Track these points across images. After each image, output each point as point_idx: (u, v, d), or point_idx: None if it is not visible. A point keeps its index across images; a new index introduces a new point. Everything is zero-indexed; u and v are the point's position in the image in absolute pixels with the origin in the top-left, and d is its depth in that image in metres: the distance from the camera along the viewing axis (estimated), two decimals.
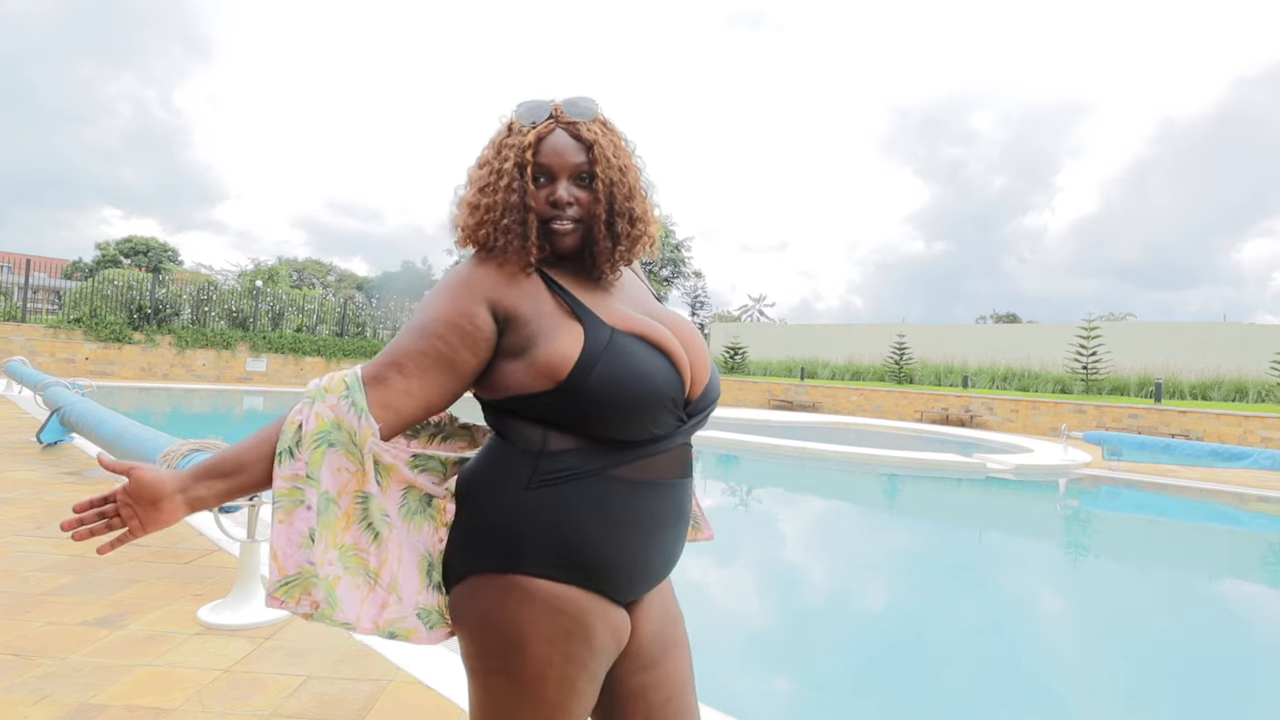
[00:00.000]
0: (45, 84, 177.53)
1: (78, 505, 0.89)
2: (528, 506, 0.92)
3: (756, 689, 3.14)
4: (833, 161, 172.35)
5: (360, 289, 43.76)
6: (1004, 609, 4.60)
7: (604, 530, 0.93)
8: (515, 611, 0.90)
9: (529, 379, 0.93)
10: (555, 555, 0.91)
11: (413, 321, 0.95)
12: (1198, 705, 3.23)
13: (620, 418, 0.92)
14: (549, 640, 0.90)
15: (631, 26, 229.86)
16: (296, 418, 0.90)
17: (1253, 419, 13.00)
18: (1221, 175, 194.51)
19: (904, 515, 7.69)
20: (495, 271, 0.97)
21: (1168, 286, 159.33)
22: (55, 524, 3.85)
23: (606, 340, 0.93)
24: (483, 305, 0.94)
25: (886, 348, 22.55)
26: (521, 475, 0.93)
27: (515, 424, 0.96)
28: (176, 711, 1.99)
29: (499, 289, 0.96)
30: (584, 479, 0.93)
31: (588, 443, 0.93)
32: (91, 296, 17.37)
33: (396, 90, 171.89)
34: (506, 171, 0.98)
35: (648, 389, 0.93)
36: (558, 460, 0.93)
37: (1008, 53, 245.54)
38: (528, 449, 0.94)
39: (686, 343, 1.01)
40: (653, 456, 0.97)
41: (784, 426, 13.68)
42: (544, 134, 0.99)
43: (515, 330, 0.95)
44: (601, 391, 0.91)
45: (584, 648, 0.92)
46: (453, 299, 0.94)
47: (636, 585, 0.99)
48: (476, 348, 0.93)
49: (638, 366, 0.93)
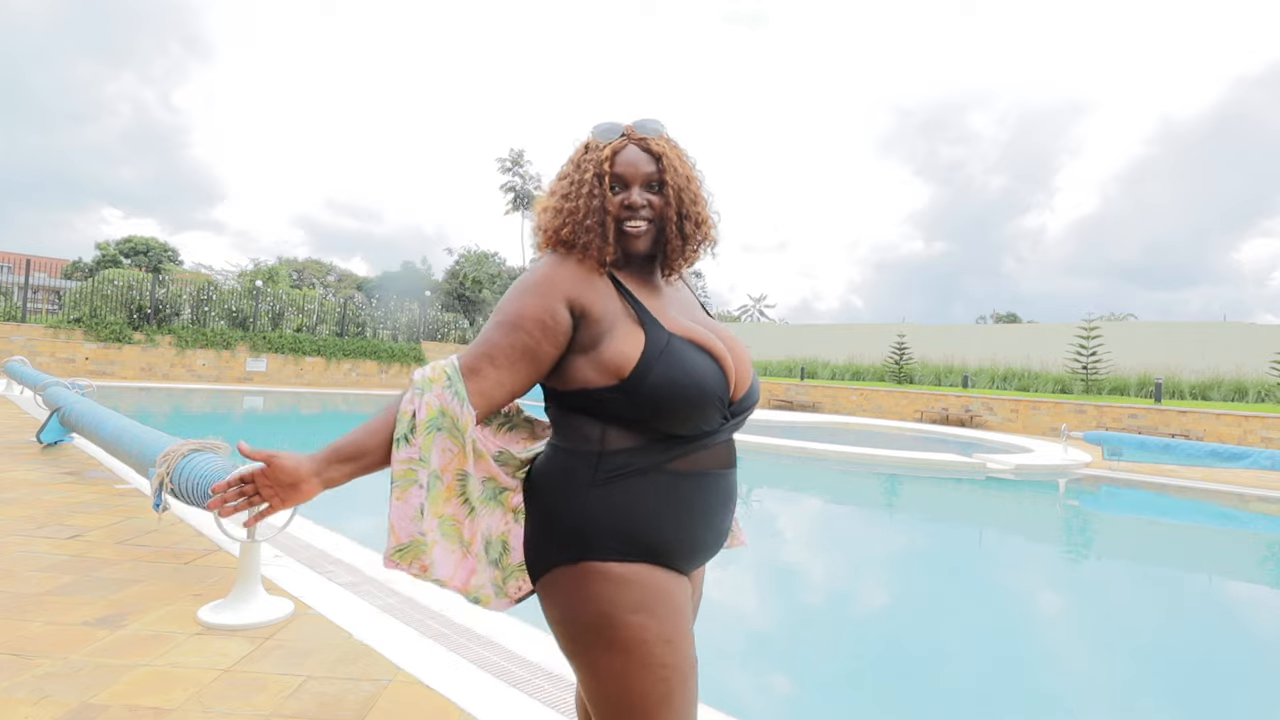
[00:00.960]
0: (45, 84, 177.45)
1: (216, 486, 1.01)
2: (593, 503, 1.02)
3: (757, 688, 3.14)
4: (833, 161, 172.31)
5: (360, 289, 43.73)
6: (1004, 609, 4.60)
7: (662, 519, 1.04)
8: (596, 591, 0.99)
9: (594, 374, 1.03)
10: (621, 543, 1.01)
11: (500, 316, 1.05)
12: (1198, 705, 3.23)
13: (674, 415, 1.02)
14: (634, 609, 0.98)
15: (631, 26, 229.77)
16: (409, 407, 1.02)
17: (1253, 419, 13.00)
18: (1221, 175, 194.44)
19: (904, 515, 7.69)
20: (574, 270, 1.07)
21: (1168, 286, 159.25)
22: (55, 524, 3.85)
23: (664, 344, 1.04)
24: (562, 302, 1.04)
25: (886, 348, 22.55)
26: (584, 475, 1.04)
27: (577, 420, 1.07)
28: (176, 711, 1.99)
29: (577, 287, 1.06)
30: (643, 474, 1.03)
31: (643, 439, 1.03)
32: (91, 296, 17.36)
33: (396, 90, 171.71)
34: (586, 180, 1.11)
35: (699, 390, 1.02)
36: (616, 458, 1.03)
37: (1008, 53, 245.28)
38: (588, 448, 1.05)
39: (732, 349, 1.12)
40: (701, 451, 1.07)
41: (784, 426, 13.68)
42: (618, 148, 1.12)
43: (587, 327, 1.05)
44: (658, 390, 1.01)
45: (669, 606, 1.01)
46: (538, 296, 1.04)
47: (695, 561, 1.11)
48: (556, 341, 1.03)
49: (690, 369, 1.03)
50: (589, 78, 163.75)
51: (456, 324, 24.41)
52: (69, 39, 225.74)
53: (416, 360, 21.96)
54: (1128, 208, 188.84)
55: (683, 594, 1.05)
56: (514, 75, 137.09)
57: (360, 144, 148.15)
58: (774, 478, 9.26)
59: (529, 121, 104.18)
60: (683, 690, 1.00)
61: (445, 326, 23.98)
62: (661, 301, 1.13)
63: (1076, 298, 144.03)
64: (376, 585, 3.21)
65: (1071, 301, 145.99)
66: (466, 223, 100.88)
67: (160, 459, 2.99)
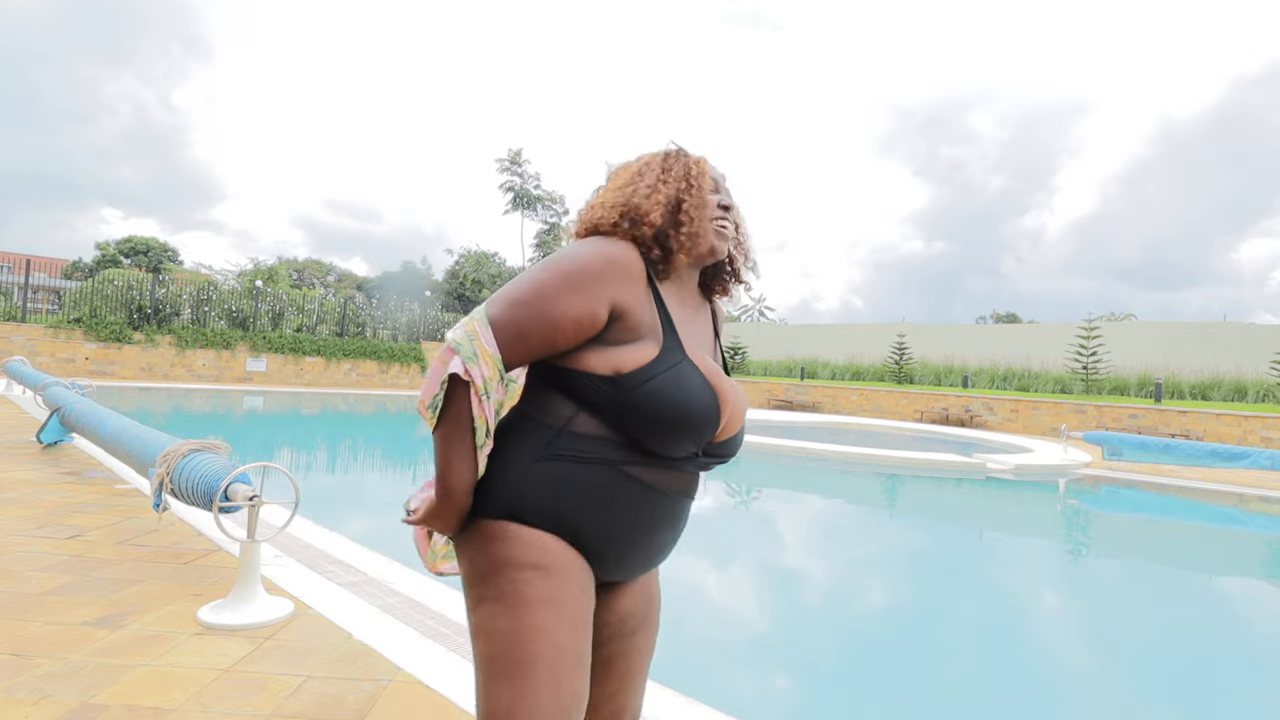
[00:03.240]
0: (45, 83, 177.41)
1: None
2: (534, 475, 1.00)
3: (756, 688, 3.14)
4: (832, 161, 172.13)
5: (360, 289, 43.75)
6: (1004, 609, 4.60)
7: (594, 515, 1.01)
8: (499, 546, 0.98)
9: (595, 362, 1.01)
10: (546, 520, 0.99)
11: (542, 294, 0.99)
12: (1198, 705, 3.23)
13: (651, 427, 1.00)
14: (533, 565, 0.97)
15: (630, 26, 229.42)
16: (480, 412, 1.00)
17: (1253, 419, 13.00)
18: (1221, 175, 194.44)
19: (904, 515, 7.69)
20: (628, 268, 1.04)
21: (1167, 286, 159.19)
22: (55, 524, 3.85)
23: (678, 361, 1.03)
24: (607, 302, 1.01)
25: (886, 348, 22.56)
26: (537, 446, 1.02)
27: (552, 394, 1.05)
28: (176, 711, 1.99)
29: (626, 287, 1.03)
30: (595, 465, 1.01)
31: (610, 434, 1.01)
32: (91, 296, 17.36)
33: (396, 90, 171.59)
34: (683, 177, 1.12)
35: (685, 413, 1.00)
36: (575, 441, 1.01)
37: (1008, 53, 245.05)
38: (550, 422, 1.03)
39: (734, 394, 1.11)
40: (662, 469, 1.05)
41: (784, 426, 13.68)
42: (704, 160, 1.17)
43: (619, 327, 1.03)
44: (648, 397, 0.99)
45: (568, 581, 0.98)
46: (585, 294, 1.00)
47: (618, 570, 1.07)
48: (582, 337, 1.02)
49: (689, 392, 1.01)
50: (589, 78, 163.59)
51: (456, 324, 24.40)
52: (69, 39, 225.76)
53: (417, 360, 21.95)
54: (1128, 207, 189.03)
55: (588, 584, 1.02)
56: (514, 75, 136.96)
57: (360, 144, 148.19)
58: (774, 478, 9.26)
59: (528, 121, 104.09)
60: (553, 661, 0.94)
61: (445, 327, 23.96)
62: (689, 327, 1.13)
63: (1076, 298, 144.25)
64: (376, 585, 3.21)
65: (1071, 301, 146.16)
66: (466, 223, 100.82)
67: (160, 459, 2.99)
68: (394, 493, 7.45)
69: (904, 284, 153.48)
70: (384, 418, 14.67)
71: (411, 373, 21.77)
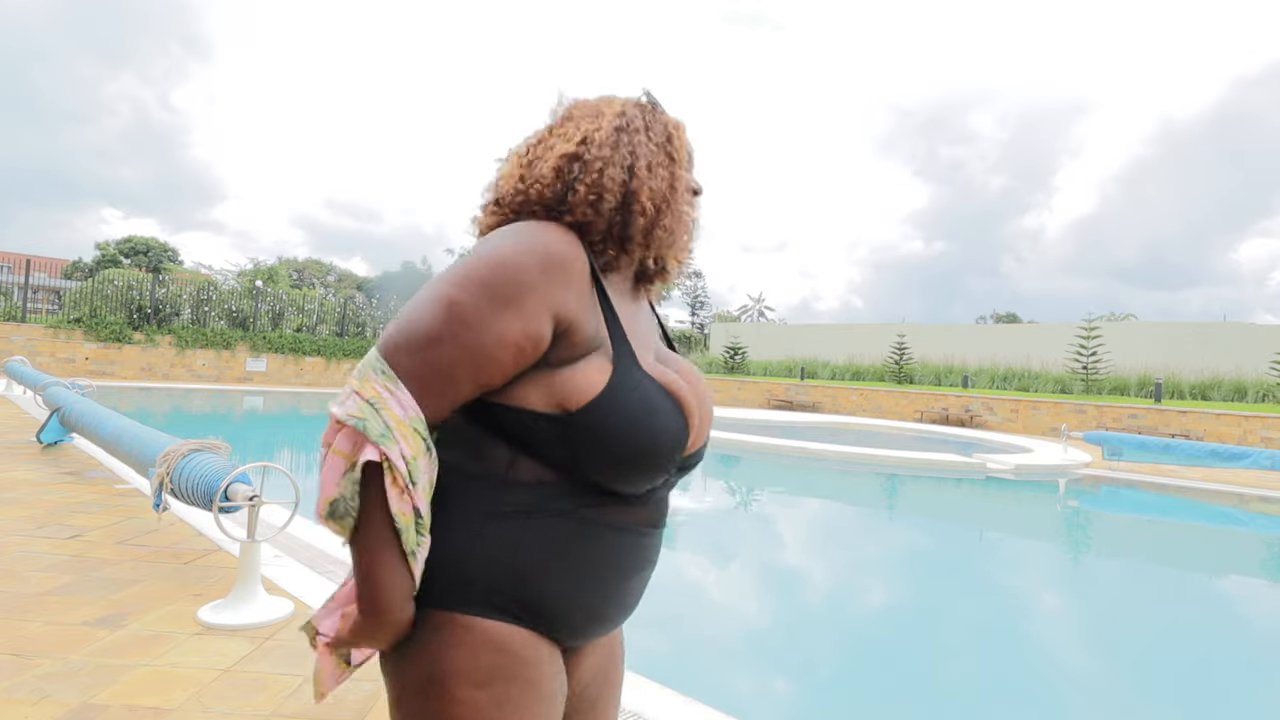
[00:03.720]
0: (45, 83, 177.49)
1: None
2: (486, 539, 0.78)
3: (756, 688, 3.14)
4: (832, 161, 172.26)
5: (360, 289, 43.76)
6: (1004, 609, 4.60)
7: (563, 575, 0.81)
8: (441, 649, 0.76)
9: (536, 396, 0.79)
10: (505, 596, 0.78)
11: (464, 317, 0.75)
12: (1198, 705, 3.23)
13: (615, 469, 0.81)
14: (478, 683, 0.76)
15: (630, 26, 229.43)
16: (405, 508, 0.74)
17: (1253, 419, 13.00)
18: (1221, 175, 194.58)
19: (904, 515, 7.69)
20: (573, 266, 0.81)
21: (1167, 286, 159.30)
22: (55, 524, 3.85)
23: (636, 384, 0.82)
24: (550, 315, 0.78)
25: (886, 348, 22.56)
26: (481, 503, 0.80)
27: (480, 436, 0.82)
28: (176, 711, 1.99)
29: (570, 293, 0.80)
30: (550, 518, 0.80)
31: (559, 477, 0.81)
32: (91, 296, 17.36)
33: (395, 90, 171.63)
34: (660, 146, 0.93)
35: (656, 445, 0.81)
36: (522, 492, 0.80)
37: (1008, 53, 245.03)
38: (488, 472, 0.81)
39: (695, 391, 0.90)
40: (629, 505, 0.85)
41: (784, 426, 13.68)
42: (682, 125, 0.98)
43: (562, 346, 0.80)
44: (613, 436, 0.79)
45: (529, 692, 0.78)
46: (524, 314, 0.76)
47: (586, 633, 0.87)
48: (523, 365, 0.79)
49: (656, 419, 0.81)
50: (589, 78, 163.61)
51: None
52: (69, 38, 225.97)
53: None
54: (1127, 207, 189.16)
55: (551, 678, 0.82)
56: (514, 75, 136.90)
57: (360, 144, 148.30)
58: (774, 478, 9.26)
59: (528, 121, 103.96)
60: None
61: None
62: (635, 325, 0.90)
63: (1076, 298, 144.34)
64: None
65: (1071, 301, 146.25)
66: (466, 223, 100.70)
67: (160, 459, 2.99)
68: None
69: (904, 284, 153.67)
70: None
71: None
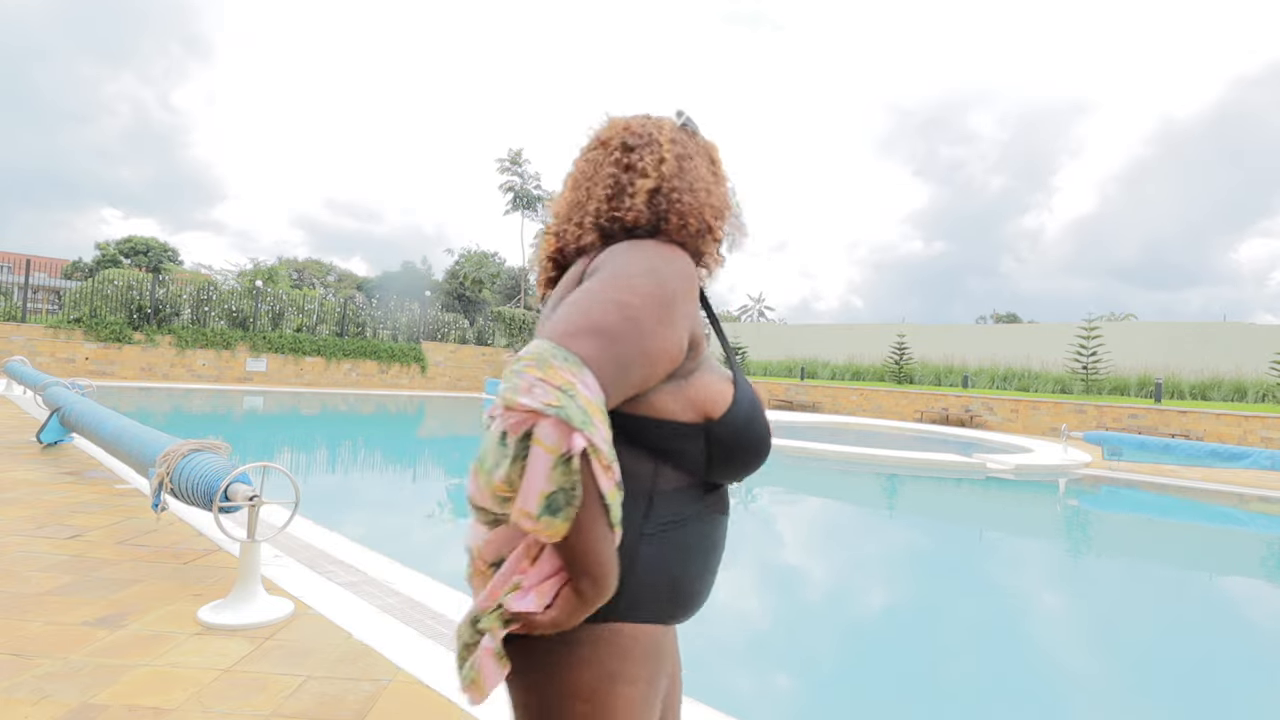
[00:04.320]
0: (45, 83, 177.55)
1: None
2: (646, 557, 0.85)
3: (757, 688, 3.14)
4: (832, 161, 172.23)
5: (360, 289, 43.76)
6: (1004, 609, 4.60)
7: (703, 570, 0.91)
8: (605, 656, 0.82)
9: (677, 406, 0.87)
10: (662, 601, 0.86)
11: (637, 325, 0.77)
12: (1198, 705, 3.23)
13: (743, 464, 0.91)
14: (633, 679, 0.84)
15: (631, 26, 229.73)
16: (609, 485, 0.73)
17: (1253, 419, 13.00)
18: (1220, 175, 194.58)
19: (904, 515, 7.69)
20: (696, 284, 0.89)
21: (1167, 286, 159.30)
22: (55, 524, 3.85)
23: (747, 389, 0.93)
24: (688, 331, 0.85)
25: (886, 348, 22.55)
26: (635, 521, 0.84)
27: (625, 451, 0.83)
28: (176, 711, 1.99)
29: (695, 308, 0.89)
30: (692, 524, 0.89)
31: (693, 481, 0.90)
32: (91, 296, 17.36)
33: (395, 90, 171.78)
34: (718, 172, 1.02)
35: (766, 443, 0.93)
36: (670, 502, 0.88)
37: (1008, 53, 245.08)
38: (637, 488, 0.85)
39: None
40: (721, 494, 0.96)
41: (784, 426, 13.68)
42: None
43: (690, 357, 0.88)
44: (744, 438, 0.89)
45: (663, 678, 0.89)
46: (676, 326, 0.82)
47: (688, 617, 0.96)
48: (668, 372, 0.85)
49: (761, 419, 0.93)
50: (588, 78, 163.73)
51: (456, 324, 24.38)
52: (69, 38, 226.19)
53: (416, 360, 21.93)
54: (1127, 207, 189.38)
55: (671, 658, 0.94)
56: (513, 75, 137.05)
57: (360, 144, 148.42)
58: (774, 478, 9.26)
59: (528, 121, 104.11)
60: None
61: (445, 326, 23.96)
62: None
63: (1076, 298, 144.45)
64: (376, 585, 3.21)
65: (1071, 301, 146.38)
66: (466, 223, 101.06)
67: (160, 459, 2.99)
68: (394, 493, 7.44)
69: (904, 284, 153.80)
70: (384, 418, 14.68)
71: (411, 372, 21.76)
